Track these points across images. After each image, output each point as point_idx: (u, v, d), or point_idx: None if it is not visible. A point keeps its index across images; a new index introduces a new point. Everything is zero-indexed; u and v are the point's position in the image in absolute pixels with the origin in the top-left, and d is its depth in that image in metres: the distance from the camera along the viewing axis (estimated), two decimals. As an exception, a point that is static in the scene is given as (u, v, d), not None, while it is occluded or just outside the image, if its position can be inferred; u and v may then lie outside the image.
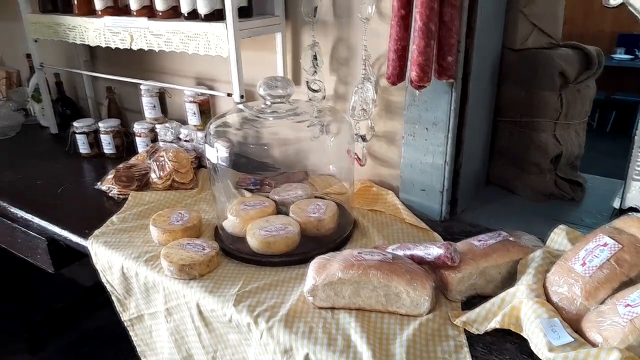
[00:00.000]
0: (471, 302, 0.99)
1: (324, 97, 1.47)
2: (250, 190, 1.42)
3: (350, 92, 1.41)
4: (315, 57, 1.44)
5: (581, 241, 0.93)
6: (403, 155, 1.36)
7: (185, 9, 1.42)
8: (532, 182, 1.45)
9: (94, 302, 2.51)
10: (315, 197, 1.38)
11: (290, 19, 1.49)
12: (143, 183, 1.55)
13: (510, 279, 0.99)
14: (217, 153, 1.17)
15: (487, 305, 0.93)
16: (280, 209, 1.31)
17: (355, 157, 1.42)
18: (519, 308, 0.87)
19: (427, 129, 1.28)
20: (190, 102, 1.68)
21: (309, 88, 1.46)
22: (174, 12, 1.47)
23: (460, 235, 1.25)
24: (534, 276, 0.92)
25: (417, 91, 1.18)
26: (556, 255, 0.96)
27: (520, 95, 1.41)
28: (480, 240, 1.04)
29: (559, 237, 1.03)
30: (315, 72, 1.45)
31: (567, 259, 0.90)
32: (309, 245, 1.19)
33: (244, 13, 1.41)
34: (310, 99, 1.46)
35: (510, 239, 1.04)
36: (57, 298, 2.57)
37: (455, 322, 0.93)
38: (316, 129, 1.29)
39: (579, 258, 0.87)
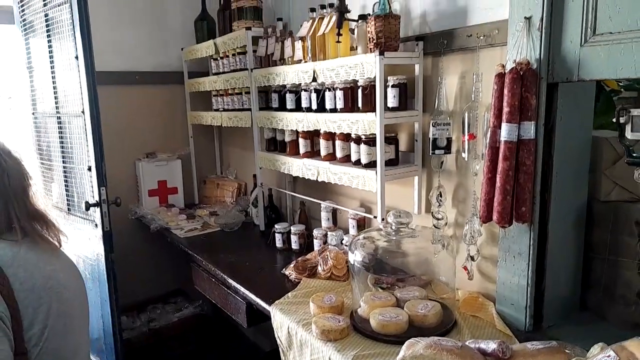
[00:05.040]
0: (519, 389, 1.34)
1: (445, 224, 1.97)
2: (381, 287, 1.94)
3: (465, 222, 1.89)
4: (440, 195, 1.97)
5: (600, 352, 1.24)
6: (498, 275, 1.76)
7: (353, 158, 2.11)
8: (620, 312, 1.69)
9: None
10: (429, 299, 1.84)
11: (426, 167, 2.07)
12: (312, 272, 2.19)
13: (552, 378, 1.32)
14: (355, 257, 1.75)
15: (522, 389, 1.28)
16: (399, 303, 1.80)
17: (466, 272, 1.87)
18: (540, 393, 1.22)
19: (514, 257, 1.68)
20: (352, 218, 2.33)
21: (434, 216, 1.98)
22: (347, 159, 2.18)
23: (538, 345, 1.58)
24: (560, 374, 1.25)
25: (502, 229, 1.63)
26: (583, 362, 1.28)
27: (607, 238, 1.72)
28: (532, 345, 1.39)
29: (595, 350, 1.33)
30: (440, 205, 1.97)
31: (583, 364, 1.22)
32: (413, 333, 1.63)
33: (392, 163, 2.04)
34: (434, 225, 1.98)
35: (560, 347, 1.37)
36: (245, 357, 3.31)
37: (497, 398, 1.30)
38: (438, 246, 1.81)
39: (589, 364, 1.20)
